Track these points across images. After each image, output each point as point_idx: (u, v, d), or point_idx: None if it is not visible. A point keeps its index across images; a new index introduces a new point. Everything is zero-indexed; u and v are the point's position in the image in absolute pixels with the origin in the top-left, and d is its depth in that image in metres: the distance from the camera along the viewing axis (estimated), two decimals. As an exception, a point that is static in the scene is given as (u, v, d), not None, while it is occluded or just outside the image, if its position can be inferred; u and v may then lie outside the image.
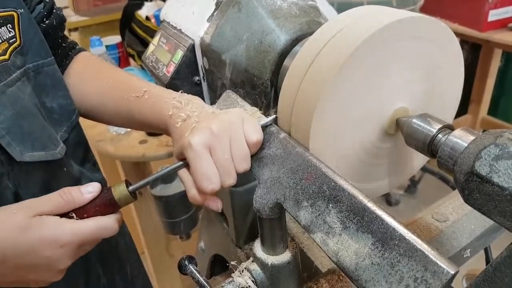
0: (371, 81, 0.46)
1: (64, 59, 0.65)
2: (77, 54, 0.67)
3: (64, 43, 0.66)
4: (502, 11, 1.79)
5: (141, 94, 0.55)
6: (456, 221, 0.60)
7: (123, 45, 1.52)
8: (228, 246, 0.87)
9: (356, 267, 0.34)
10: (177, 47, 0.69)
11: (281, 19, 0.60)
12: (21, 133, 0.50)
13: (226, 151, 0.44)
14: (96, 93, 0.62)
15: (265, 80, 0.61)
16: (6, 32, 0.50)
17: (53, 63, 0.59)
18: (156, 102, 0.53)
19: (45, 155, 0.53)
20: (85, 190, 0.45)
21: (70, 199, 0.44)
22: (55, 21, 0.61)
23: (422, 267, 0.30)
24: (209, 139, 0.44)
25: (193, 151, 0.44)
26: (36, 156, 0.51)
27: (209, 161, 0.44)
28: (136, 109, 0.56)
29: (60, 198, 0.44)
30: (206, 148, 0.44)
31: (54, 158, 0.54)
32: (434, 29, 0.47)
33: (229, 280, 0.49)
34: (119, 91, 0.59)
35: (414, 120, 0.46)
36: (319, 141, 0.46)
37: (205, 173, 0.44)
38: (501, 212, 0.33)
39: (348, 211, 0.37)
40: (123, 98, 0.57)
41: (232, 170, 0.45)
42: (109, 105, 0.60)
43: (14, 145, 0.48)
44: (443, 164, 0.42)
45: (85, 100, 0.63)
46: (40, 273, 0.44)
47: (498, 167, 0.33)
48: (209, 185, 0.44)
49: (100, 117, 0.64)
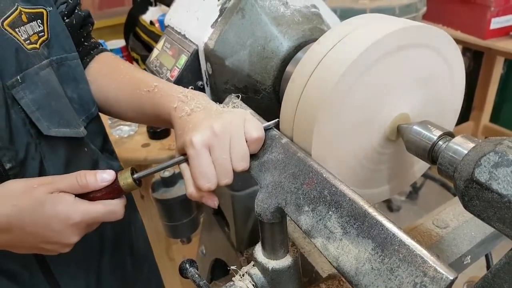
0: (372, 88, 0.46)
1: (85, 57, 0.70)
2: (99, 53, 0.72)
3: (86, 42, 0.71)
4: (505, 19, 1.80)
5: (152, 88, 0.58)
6: (456, 228, 0.60)
7: (127, 49, 1.54)
8: (228, 251, 0.88)
9: (356, 272, 0.35)
10: (181, 52, 0.70)
11: (284, 25, 0.60)
12: (49, 111, 0.56)
13: (225, 151, 0.46)
14: (113, 88, 0.66)
15: (267, 85, 0.62)
16: (36, 26, 0.57)
17: (76, 58, 0.64)
18: (164, 96, 0.56)
19: (69, 132, 0.59)
20: (100, 178, 0.49)
21: (84, 184, 0.48)
22: (75, 20, 0.67)
23: (422, 273, 0.31)
24: (209, 138, 0.46)
25: (193, 149, 0.46)
26: (61, 132, 0.57)
27: (207, 160, 0.46)
28: (146, 102, 0.59)
29: (75, 181, 0.48)
30: (206, 147, 0.46)
31: (77, 136, 0.60)
32: (435, 37, 0.47)
33: (230, 284, 0.49)
34: (133, 85, 0.63)
35: (415, 127, 0.47)
36: (321, 147, 0.47)
37: (203, 172, 0.46)
38: (500, 219, 0.34)
39: (349, 216, 0.37)
40: (136, 92, 0.61)
41: (230, 170, 0.46)
42: (123, 99, 0.65)
43: (42, 120, 0.55)
44: (443, 171, 0.42)
45: (102, 93, 0.68)
46: (50, 244, 0.49)
47: (497, 174, 0.34)
48: (206, 183, 0.46)
49: (114, 110, 0.68)
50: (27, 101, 0.53)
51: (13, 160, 0.53)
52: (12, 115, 0.52)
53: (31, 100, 0.54)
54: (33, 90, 0.54)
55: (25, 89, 0.53)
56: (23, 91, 0.53)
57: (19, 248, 0.50)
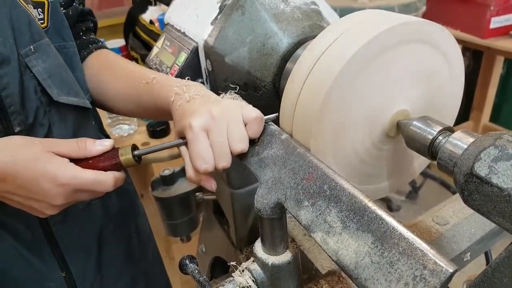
0: (371, 84, 0.46)
1: (82, 50, 0.71)
2: (98, 49, 0.73)
3: (84, 36, 0.73)
4: (504, 18, 1.80)
5: (150, 80, 0.60)
6: (456, 225, 0.60)
7: (126, 49, 1.54)
8: (228, 248, 0.88)
9: (356, 266, 0.35)
10: (180, 50, 0.70)
11: (284, 22, 0.60)
12: (60, 79, 0.59)
13: (222, 134, 0.47)
14: (112, 81, 0.68)
15: (267, 82, 0.62)
16: (37, 14, 0.60)
17: (73, 47, 0.67)
18: (163, 86, 0.57)
19: (78, 101, 0.62)
20: (98, 142, 0.51)
21: (83, 146, 0.50)
22: (71, 11, 0.69)
23: (421, 266, 0.31)
24: (207, 122, 0.47)
25: (192, 132, 0.47)
26: (70, 100, 0.60)
27: (205, 143, 0.47)
28: (145, 93, 0.61)
29: (75, 144, 0.50)
30: (204, 130, 0.47)
31: (84, 105, 0.64)
32: (434, 32, 0.47)
33: (230, 279, 0.49)
34: (131, 78, 0.64)
35: (415, 122, 0.47)
36: (321, 143, 0.47)
37: (200, 153, 0.47)
38: (500, 213, 0.34)
39: (348, 210, 0.37)
40: (134, 84, 0.63)
41: (227, 153, 0.47)
42: (121, 91, 0.66)
43: (53, 87, 0.58)
44: (443, 166, 0.42)
45: (102, 87, 0.69)
46: (37, 202, 0.50)
47: (497, 168, 0.34)
48: (203, 165, 0.47)
49: (112, 104, 0.69)
50: (39, 69, 0.57)
51: (22, 124, 0.55)
52: (25, 82, 0.55)
53: (43, 68, 0.57)
54: (45, 59, 0.58)
55: (38, 59, 0.57)
56: (36, 60, 0.56)
57: (10, 201, 0.51)
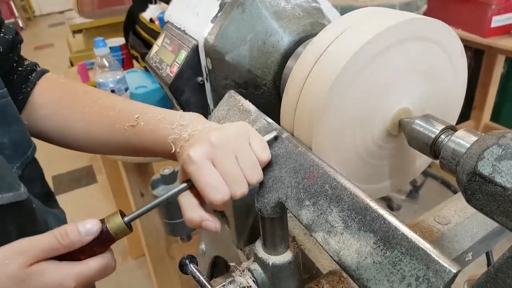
0: (373, 82, 0.46)
1: (23, 85, 0.58)
2: (39, 78, 0.60)
3: (20, 67, 0.59)
4: (506, 17, 1.80)
5: (135, 122, 0.52)
6: (458, 224, 0.59)
7: (127, 47, 1.53)
8: (228, 248, 0.87)
9: (357, 266, 0.34)
10: (180, 48, 0.70)
11: (284, 20, 0.60)
12: None
13: (230, 159, 0.42)
14: (80, 121, 0.57)
15: (268, 80, 0.62)
16: None
17: (5, 96, 0.51)
18: (155, 130, 0.50)
19: (14, 196, 0.47)
20: (84, 231, 0.40)
21: (68, 243, 0.39)
22: (1, 47, 0.54)
23: (424, 266, 0.30)
24: (208, 150, 0.42)
25: (193, 163, 0.41)
26: (5, 198, 0.45)
27: (212, 171, 0.41)
28: (132, 138, 0.53)
29: (56, 241, 0.39)
30: (207, 159, 0.42)
31: (21, 199, 0.48)
32: (437, 30, 0.47)
33: (230, 280, 0.49)
34: (108, 118, 0.55)
35: (417, 121, 0.46)
36: (322, 142, 0.46)
37: (210, 182, 0.41)
38: (504, 213, 0.33)
39: (350, 210, 0.37)
40: (115, 126, 0.54)
41: (241, 178, 0.42)
42: (98, 134, 0.56)
43: None
44: (445, 165, 0.42)
45: (67, 130, 0.58)
46: None
47: (500, 167, 0.33)
48: (217, 195, 0.41)
49: (86, 148, 0.59)
50: None
51: None
52: None
53: None
54: None
55: None
56: None
57: None
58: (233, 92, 0.57)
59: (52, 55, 5.05)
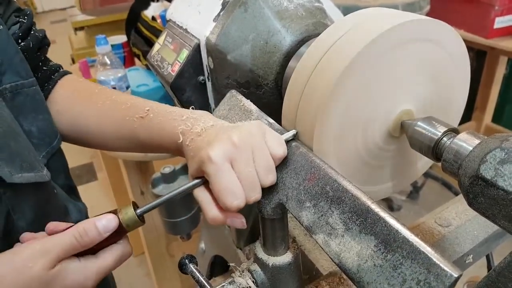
0: (376, 83, 0.45)
1: (45, 83, 0.61)
2: (61, 77, 0.63)
3: (45, 66, 0.62)
4: (509, 18, 1.79)
5: (144, 114, 0.52)
6: (459, 227, 0.59)
7: (128, 45, 1.53)
8: (228, 247, 0.87)
9: (358, 269, 0.34)
10: (182, 47, 0.69)
11: (287, 20, 0.60)
12: (9, 153, 0.46)
13: (249, 163, 0.41)
14: (93, 115, 0.58)
15: (270, 80, 0.61)
16: None
17: (34, 84, 0.54)
18: (164, 121, 0.50)
19: (35, 176, 0.48)
20: (102, 229, 0.41)
21: (87, 242, 0.41)
22: (31, 43, 0.57)
23: (425, 270, 0.30)
24: (230, 151, 0.41)
25: (213, 164, 0.40)
26: (25, 177, 0.47)
27: (232, 175, 0.41)
28: (141, 130, 0.53)
29: (75, 241, 0.40)
30: (228, 160, 0.41)
31: (43, 180, 0.50)
32: (441, 32, 0.47)
33: (230, 280, 0.49)
34: (120, 111, 0.55)
35: (419, 123, 0.46)
36: (323, 143, 0.46)
37: (229, 187, 0.40)
38: (506, 216, 0.33)
39: (351, 212, 0.37)
40: (125, 119, 0.54)
41: (257, 184, 0.42)
42: (109, 128, 0.57)
43: (3, 166, 0.45)
44: (447, 168, 0.41)
45: (80, 124, 0.59)
46: None
47: (503, 171, 0.33)
48: (234, 200, 0.40)
49: (97, 141, 0.60)
50: None
51: None
52: None
53: None
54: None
55: None
56: None
57: None
58: (234, 92, 0.57)
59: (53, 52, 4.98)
